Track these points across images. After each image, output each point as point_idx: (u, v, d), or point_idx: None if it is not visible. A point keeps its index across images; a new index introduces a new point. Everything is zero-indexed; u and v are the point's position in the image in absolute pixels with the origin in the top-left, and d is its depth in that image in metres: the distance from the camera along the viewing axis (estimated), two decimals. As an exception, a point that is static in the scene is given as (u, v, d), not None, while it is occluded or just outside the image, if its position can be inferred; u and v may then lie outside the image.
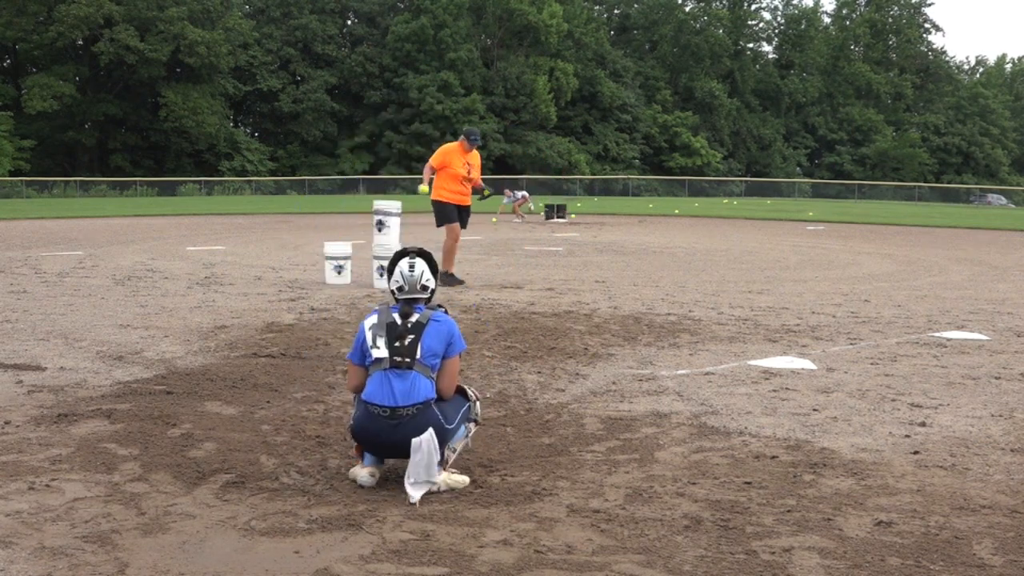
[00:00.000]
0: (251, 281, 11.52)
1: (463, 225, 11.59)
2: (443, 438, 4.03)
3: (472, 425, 4.26)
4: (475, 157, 11.56)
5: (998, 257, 17.42)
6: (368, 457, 4.11)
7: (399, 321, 4.10)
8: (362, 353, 4.16)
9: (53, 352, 6.81)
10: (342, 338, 7.44)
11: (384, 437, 3.98)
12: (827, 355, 7.04)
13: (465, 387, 4.34)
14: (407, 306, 4.15)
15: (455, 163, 11.30)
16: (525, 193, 30.21)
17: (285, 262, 14.24)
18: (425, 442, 3.89)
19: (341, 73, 68.68)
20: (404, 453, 3.97)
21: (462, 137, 11.53)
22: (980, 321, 8.92)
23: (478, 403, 4.32)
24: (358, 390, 4.20)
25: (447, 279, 11.10)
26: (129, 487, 3.92)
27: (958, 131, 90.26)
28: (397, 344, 4.04)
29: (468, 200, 11.56)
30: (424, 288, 4.23)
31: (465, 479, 4.02)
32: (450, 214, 11.40)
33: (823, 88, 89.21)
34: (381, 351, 4.05)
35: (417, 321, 4.09)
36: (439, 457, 3.96)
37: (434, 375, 4.09)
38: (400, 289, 4.21)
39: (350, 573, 3.10)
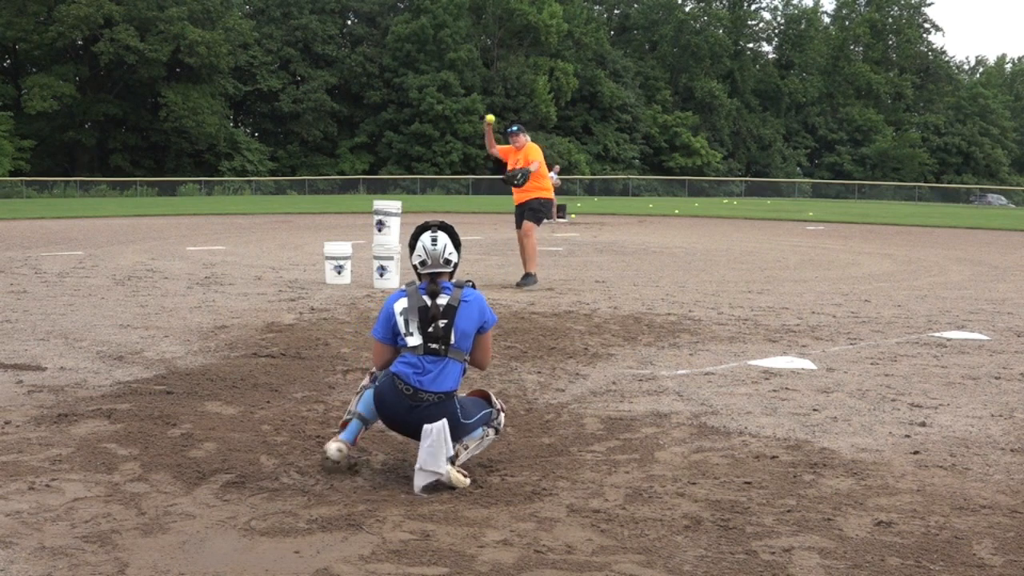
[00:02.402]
0: (251, 281, 11.52)
1: (530, 219, 11.46)
2: (456, 432, 4.03)
3: (491, 432, 4.24)
4: (526, 150, 11.35)
5: (998, 257, 17.42)
6: (347, 432, 4.17)
7: (429, 303, 4.04)
8: (392, 333, 4.14)
9: (53, 352, 6.81)
10: (342, 338, 7.43)
11: (401, 414, 4.05)
12: (827, 355, 7.04)
13: (491, 394, 4.36)
14: (433, 283, 4.10)
15: (509, 162, 11.46)
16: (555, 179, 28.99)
17: (285, 262, 14.24)
18: (436, 430, 3.90)
19: (341, 73, 68.67)
20: (413, 435, 4.03)
21: None
22: (980, 321, 8.91)
23: (502, 414, 4.31)
24: (386, 367, 4.20)
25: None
26: (129, 487, 3.92)
27: (958, 131, 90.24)
28: (431, 330, 4.02)
29: (525, 195, 11.43)
30: (447, 262, 4.17)
31: (467, 480, 4.03)
32: (516, 216, 11.67)
33: (823, 88, 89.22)
34: (415, 338, 4.04)
35: (448, 304, 4.04)
36: (450, 451, 3.94)
37: (467, 357, 4.12)
38: (423, 263, 4.16)
39: (350, 573, 3.10)
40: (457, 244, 4.25)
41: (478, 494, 3.90)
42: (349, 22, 73.29)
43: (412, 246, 4.21)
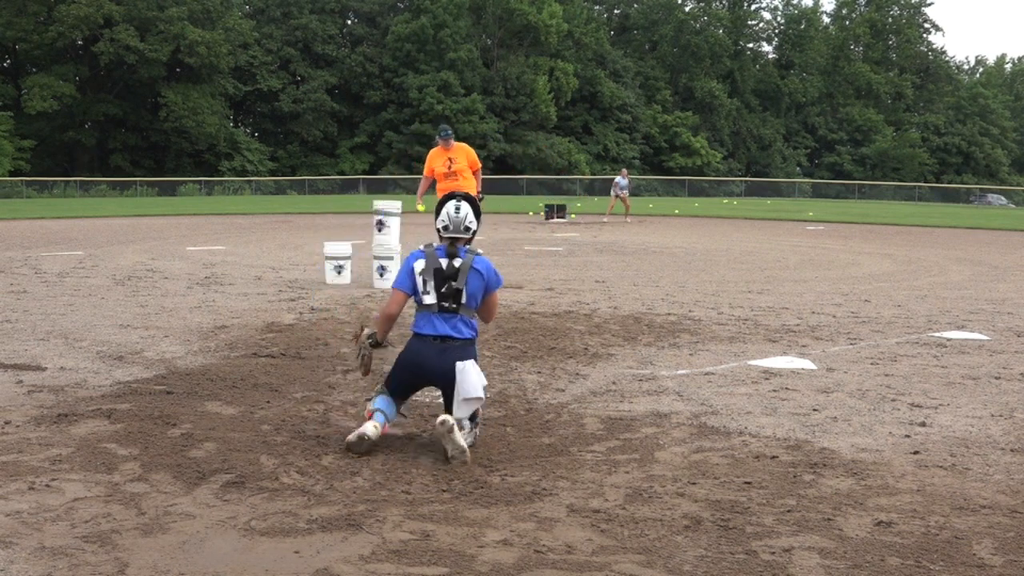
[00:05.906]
0: (251, 281, 11.52)
1: None
2: (476, 380, 4.49)
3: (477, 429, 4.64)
4: (457, 151, 11.33)
5: (998, 257, 17.42)
6: (379, 414, 4.47)
7: (445, 264, 4.58)
8: (413, 288, 4.63)
9: (53, 352, 6.81)
10: (342, 338, 7.43)
11: (432, 361, 4.49)
12: (827, 355, 7.04)
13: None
14: (452, 246, 4.64)
15: (436, 163, 11.35)
16: (620, 181, 28.56)
17: (285, 262, 14.24)
18: (471, 364, 4.46)
19: (341, 73, 68.64)
20: (443, 379, 4.48)
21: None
22: (980, 321, 8.91)
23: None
24: (392, 317, 4.71)
25: None
26: (129, 487, 3.92)
27: (958, 131, 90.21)
28: (444, 289, 4.57)
29: (461, 190, 11.47)
30: (467, 229, 4.71)
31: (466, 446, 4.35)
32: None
33: (823, 88, 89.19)
34: (431, 296, 4.59)
35: (462, 267, 4.58)
36: (483, 380, 4.49)
37: (476, 315, 4.66)
38: (445, 228, 4.68)
39: (350, 573, 3.10)
40: (478, 214, 4.77)
41: (478, 494, 3.90)
42: (349, 22, 73.25)
43: (438, 212, 4.73)
